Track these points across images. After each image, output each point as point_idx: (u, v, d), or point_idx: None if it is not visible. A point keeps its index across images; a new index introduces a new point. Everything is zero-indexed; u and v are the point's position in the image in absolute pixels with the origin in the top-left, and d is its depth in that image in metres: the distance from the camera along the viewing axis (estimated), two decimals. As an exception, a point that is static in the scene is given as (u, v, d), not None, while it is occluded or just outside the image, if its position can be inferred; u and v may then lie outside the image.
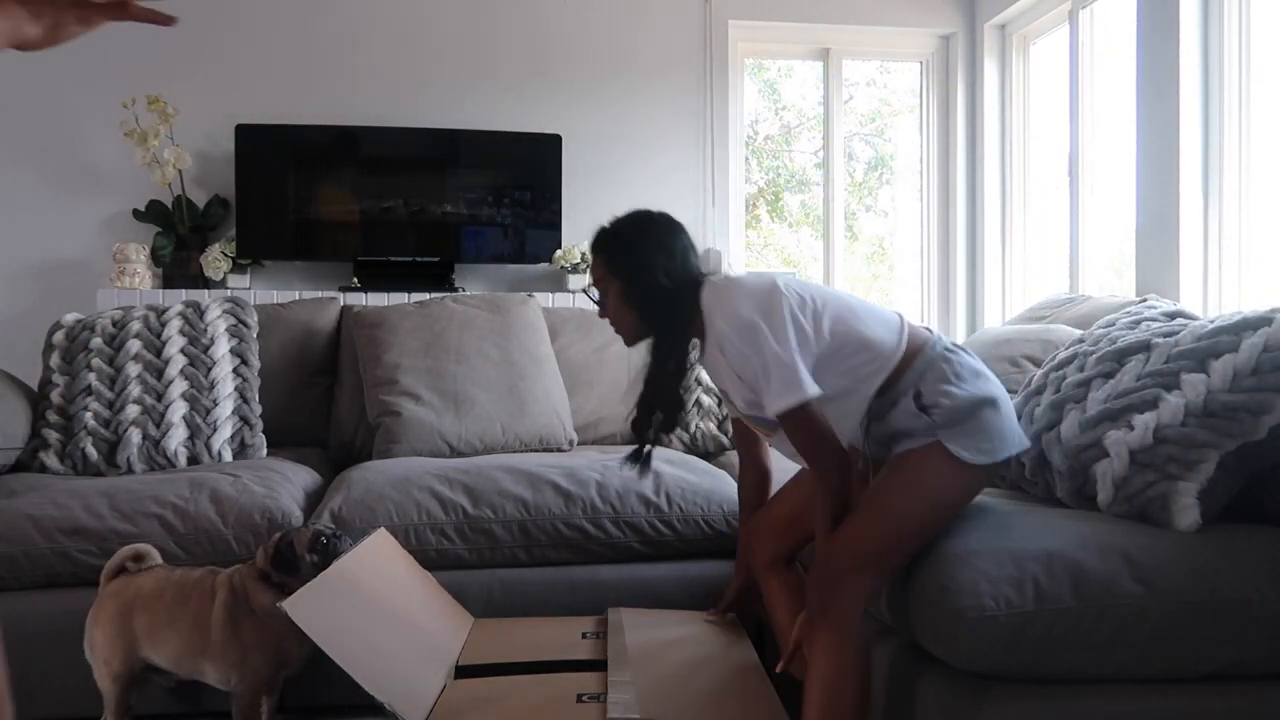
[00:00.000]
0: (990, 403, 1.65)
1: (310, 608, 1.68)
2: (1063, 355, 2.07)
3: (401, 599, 2.02)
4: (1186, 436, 1.72)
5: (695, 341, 1.79)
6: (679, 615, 2.20)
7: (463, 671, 1.89)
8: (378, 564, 2.04)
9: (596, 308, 1.86)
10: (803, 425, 1.64)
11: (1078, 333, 2.45)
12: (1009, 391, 2.49)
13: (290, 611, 1.62)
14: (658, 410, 1.84)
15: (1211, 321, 1.86)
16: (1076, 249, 3.49)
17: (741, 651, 2.01)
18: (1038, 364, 2.52)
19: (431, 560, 2.30)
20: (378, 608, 1.90)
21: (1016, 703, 1.55)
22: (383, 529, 2.18)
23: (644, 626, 2.08)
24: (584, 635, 2.08)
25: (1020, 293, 3.96)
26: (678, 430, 3.01)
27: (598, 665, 1.89)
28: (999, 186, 4.04)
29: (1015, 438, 1.69)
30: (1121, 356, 1.92)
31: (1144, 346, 1.90)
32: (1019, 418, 1.86)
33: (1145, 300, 2.27)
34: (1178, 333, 1.88)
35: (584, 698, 1.74)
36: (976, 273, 4.11)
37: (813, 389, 1.61)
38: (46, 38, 0.99)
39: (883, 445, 1.71)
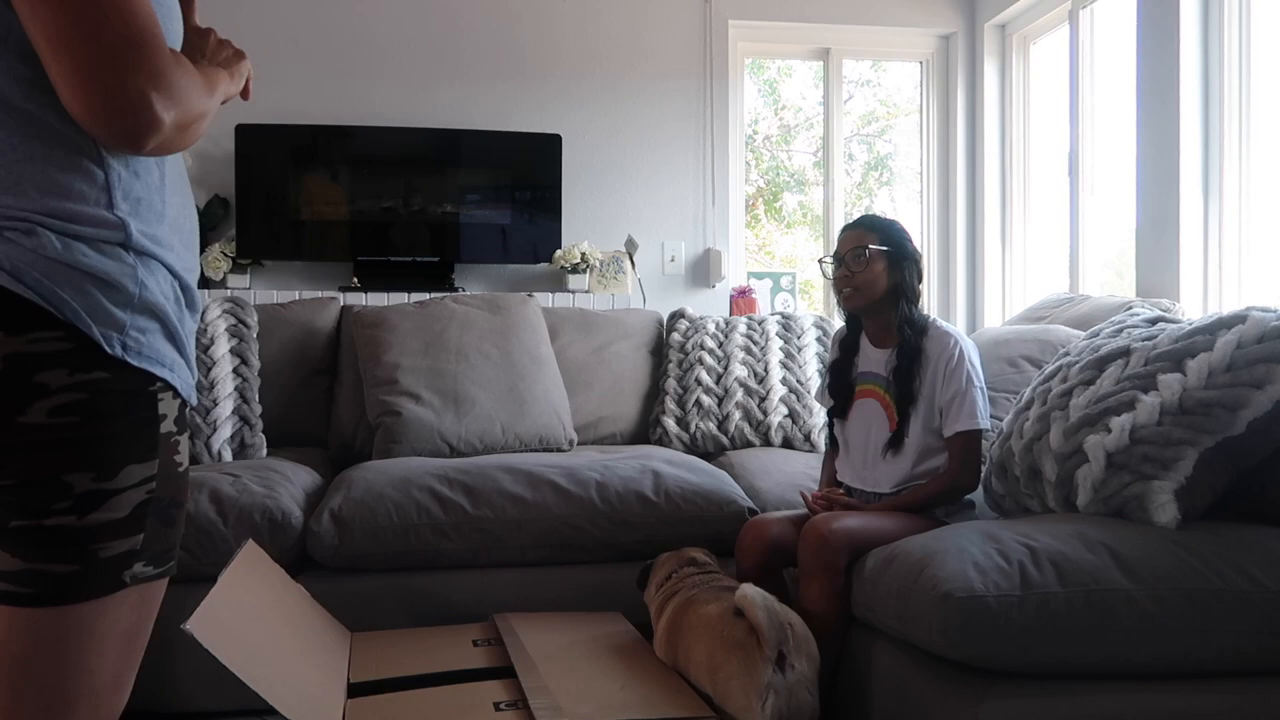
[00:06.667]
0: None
1: (213, 628, 1.53)
2: (1049, 369, 2.10)
3: (284, 615, 1.95)
4: (1162, 435, 1.73)
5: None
6: (563, 617, 2.19)
7: (357, 689, 1.80)
8: (255, 579, 1.94)
9: (829, 267, 2.24)
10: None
11: (1077, 333, 2.45)
12: (1006, 392, 2.51)
13: (196, 633, 1.47)
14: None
15: (1190, 324, 1.87)
16: (1076, 249, 3.49)
17: (635, 643, 2.04)
18: (1036, 365, 2.53)
19: (431, 560, 2.30)
20: (267, 625, 1.83)
21: (1014, 701, 1.56)
22: (251, 542, 2.06)
23: (536, 630, 2.06)
24: (475, 643, 2.05)
25: (1020, 293, 3.96)
26: (677, 430, 3.02)
27: (499, 673, 1.86)
28: (999, 187, 4.04)
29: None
30: (1102, 364, 1.93)
31: (1123, 352, 1.92)
32: (1010, 436, 2.05)
33: (1130, 308, 2.28)
34: (1156, 336, 1.90)
35: (501, 706, 1.71)
36: (976, 273, 4.11)
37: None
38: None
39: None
